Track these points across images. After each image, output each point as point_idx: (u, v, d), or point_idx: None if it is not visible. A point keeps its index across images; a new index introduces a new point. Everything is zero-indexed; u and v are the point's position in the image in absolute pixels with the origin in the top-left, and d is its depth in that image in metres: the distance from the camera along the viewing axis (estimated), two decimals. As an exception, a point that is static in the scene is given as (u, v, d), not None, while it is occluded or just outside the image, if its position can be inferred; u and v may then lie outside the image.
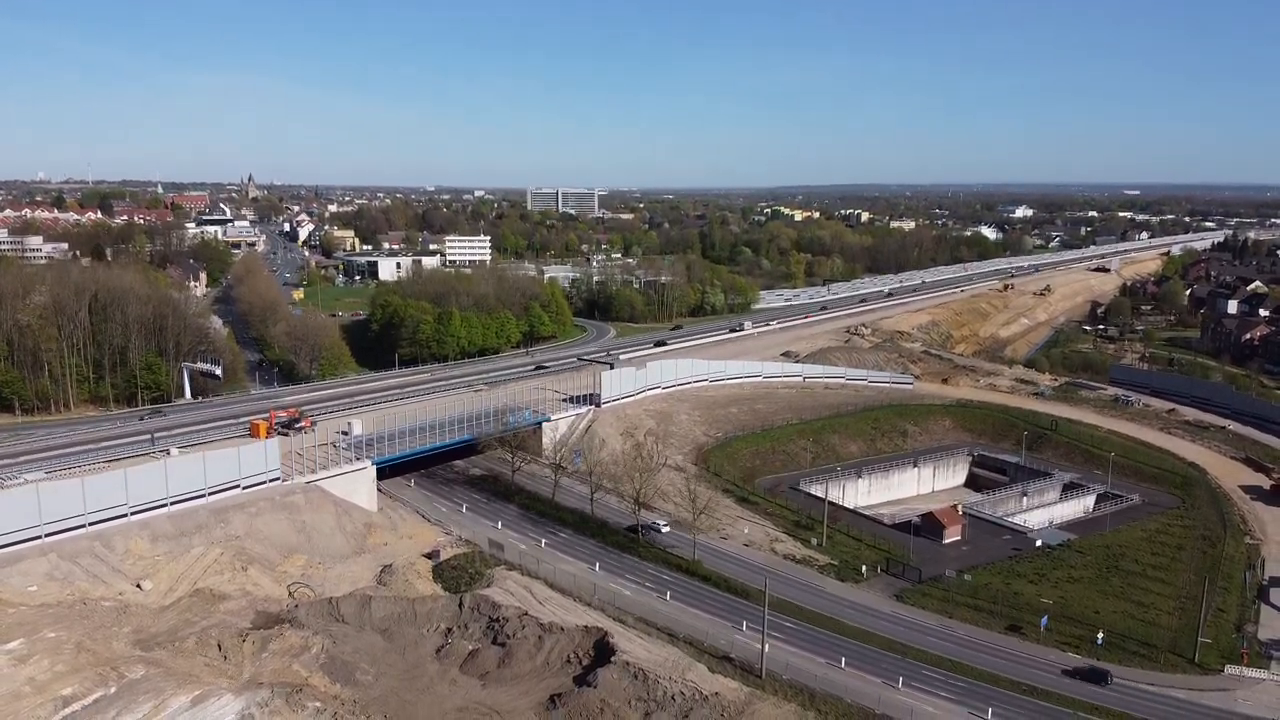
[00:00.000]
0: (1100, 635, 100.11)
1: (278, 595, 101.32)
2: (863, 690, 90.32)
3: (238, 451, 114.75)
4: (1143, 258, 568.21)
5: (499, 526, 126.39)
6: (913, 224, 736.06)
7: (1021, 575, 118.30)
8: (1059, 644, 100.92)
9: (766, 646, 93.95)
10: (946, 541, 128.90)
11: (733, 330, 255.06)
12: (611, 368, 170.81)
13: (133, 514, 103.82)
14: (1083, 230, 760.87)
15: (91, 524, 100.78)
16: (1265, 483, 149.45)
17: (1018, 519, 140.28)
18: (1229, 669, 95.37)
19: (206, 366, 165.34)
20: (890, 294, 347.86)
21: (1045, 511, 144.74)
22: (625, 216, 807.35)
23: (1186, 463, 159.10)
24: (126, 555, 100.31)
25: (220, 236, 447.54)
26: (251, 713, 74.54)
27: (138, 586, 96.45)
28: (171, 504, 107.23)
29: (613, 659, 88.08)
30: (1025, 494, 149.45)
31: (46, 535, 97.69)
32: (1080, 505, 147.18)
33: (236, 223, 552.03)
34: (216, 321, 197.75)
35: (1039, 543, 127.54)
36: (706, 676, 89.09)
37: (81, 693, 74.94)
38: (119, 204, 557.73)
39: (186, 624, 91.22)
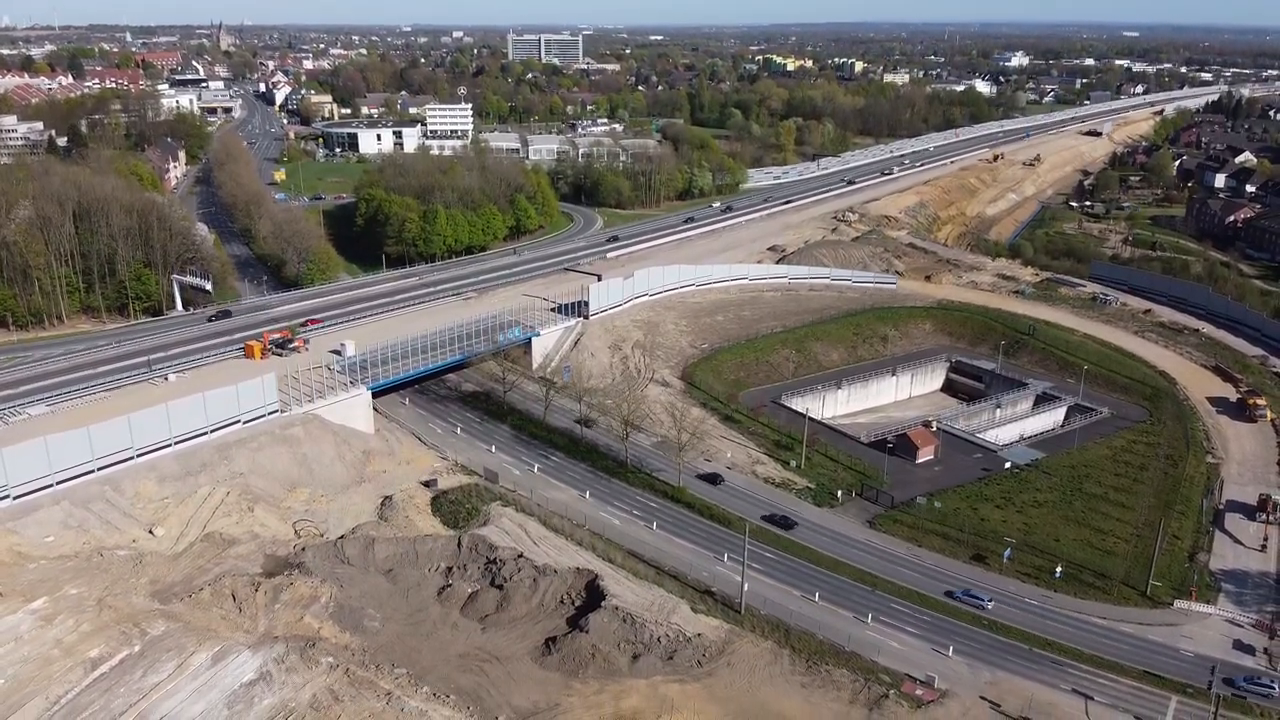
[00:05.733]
0: (1059, 569, 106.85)
1: (284, 535, 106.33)
2: (834, 625, 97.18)
3: (236, 388, 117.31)
4: (1135, 118, 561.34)
5: (493, 450, 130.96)
6: (906, 77, 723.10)
7: (989, 499, 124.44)
8: (1019, 575, 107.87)
9: (746, 585, 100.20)
10: (920, 461, 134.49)
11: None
12: (600, 279, 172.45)
13: (138, 456, 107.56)
14: (1078, 83, 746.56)
15: (100, 468, 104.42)
16: (1232, 394, 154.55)
17: (990, 434, 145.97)
18: (1177, 603, 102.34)
19: (196, 281, 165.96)
20: (881, 173, 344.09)
21: (1017, 425, 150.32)
22: (611, 67, 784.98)
23: (1157, 371, 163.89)
24: (136, 498, 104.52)
25: (196, 103, 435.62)
26: (269, 670, 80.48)
27: (150, 532, 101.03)
28: (175, 444, 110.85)
29: (603, 603, 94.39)
30: (999, 406, 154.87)
31: (58, 483, 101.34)
32: (1051, 418, 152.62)
33: (211, 84, 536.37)
34: (202, 229, 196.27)
35: (1008, 464, 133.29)
36: (690, 617, 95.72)
37: (108, 653, 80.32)
38: (89, 63, 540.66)
39: (200, 571, 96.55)
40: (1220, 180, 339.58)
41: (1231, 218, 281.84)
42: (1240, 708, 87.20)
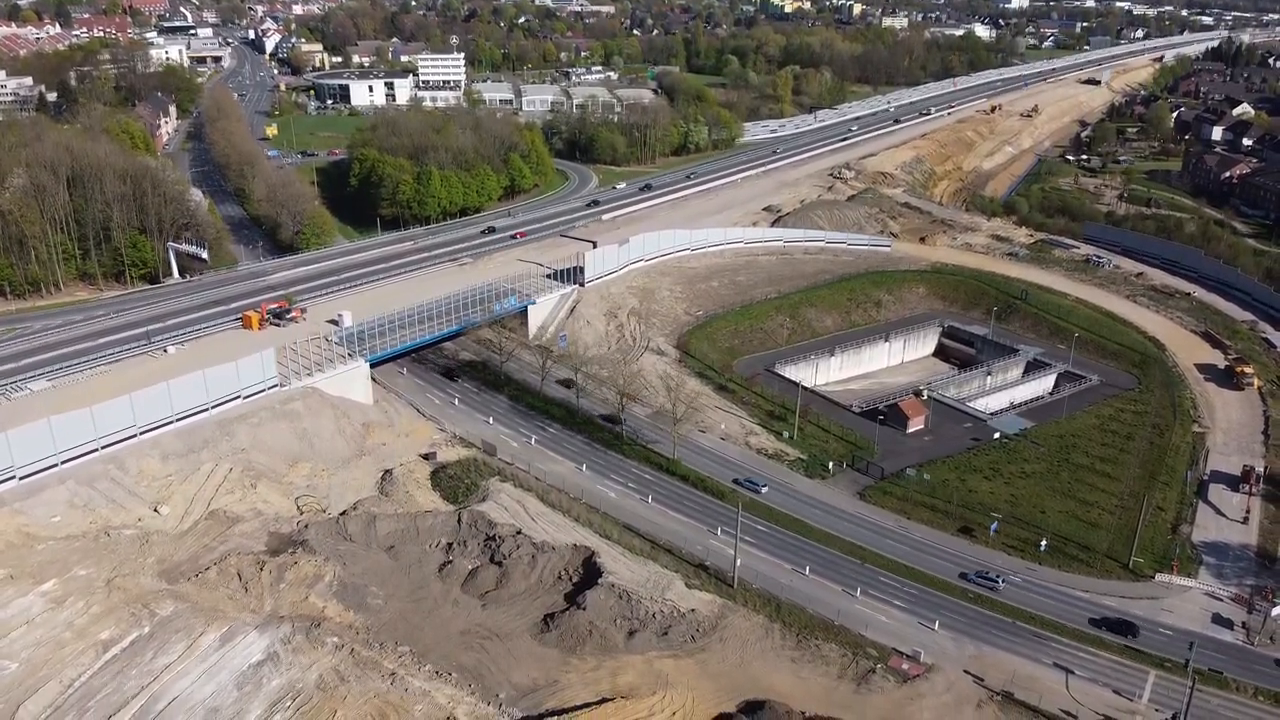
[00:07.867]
0: (1043, 542, 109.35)
1: (287, 511, 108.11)
2: (824, 600, 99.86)
3: (236, 364, 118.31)
4: (1135, 64, 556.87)
5: (490, 422, 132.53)
6: (905, 20, 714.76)
7: (978, 470, 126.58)
8: (1006, 547, 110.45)
9: (739, 560, 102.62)
10: (910, 431, 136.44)
11: None
12: (595, 246, 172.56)
13: (141, 434, 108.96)
14: (1078, 27, 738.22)
15: (104, 447, 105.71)
16: (1220, 361, 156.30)
17: (980, 402, 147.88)
18: (1159, 577, 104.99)
19: (192, 249, 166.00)
20: (876, 124, 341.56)
21: (1007, 393, 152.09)
22: (606, 9, 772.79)
23: (1147, 337, 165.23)
24: (140, 476, 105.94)
25: (185, 53, 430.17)
26: (276, 650, 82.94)
27: (155, 511, 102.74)
28: (177, 420, 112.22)
29: (600, 580, 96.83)
30: (989, 373, 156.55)
31: (63, 462, 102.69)
32: (1041, 386, 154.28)
33: (199, 31, 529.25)
34: (197, 194, 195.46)
35: (997, 434, 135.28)
36: (684, 593, 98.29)
37: (118, 635, 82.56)
38: (76, 11, 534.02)
39: (206, 550, 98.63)
40: (1217, 133, 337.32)
41: (1227, 174, 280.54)
42: (1217, 682, 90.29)
